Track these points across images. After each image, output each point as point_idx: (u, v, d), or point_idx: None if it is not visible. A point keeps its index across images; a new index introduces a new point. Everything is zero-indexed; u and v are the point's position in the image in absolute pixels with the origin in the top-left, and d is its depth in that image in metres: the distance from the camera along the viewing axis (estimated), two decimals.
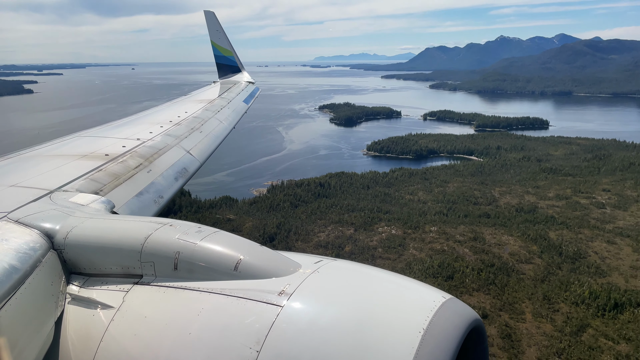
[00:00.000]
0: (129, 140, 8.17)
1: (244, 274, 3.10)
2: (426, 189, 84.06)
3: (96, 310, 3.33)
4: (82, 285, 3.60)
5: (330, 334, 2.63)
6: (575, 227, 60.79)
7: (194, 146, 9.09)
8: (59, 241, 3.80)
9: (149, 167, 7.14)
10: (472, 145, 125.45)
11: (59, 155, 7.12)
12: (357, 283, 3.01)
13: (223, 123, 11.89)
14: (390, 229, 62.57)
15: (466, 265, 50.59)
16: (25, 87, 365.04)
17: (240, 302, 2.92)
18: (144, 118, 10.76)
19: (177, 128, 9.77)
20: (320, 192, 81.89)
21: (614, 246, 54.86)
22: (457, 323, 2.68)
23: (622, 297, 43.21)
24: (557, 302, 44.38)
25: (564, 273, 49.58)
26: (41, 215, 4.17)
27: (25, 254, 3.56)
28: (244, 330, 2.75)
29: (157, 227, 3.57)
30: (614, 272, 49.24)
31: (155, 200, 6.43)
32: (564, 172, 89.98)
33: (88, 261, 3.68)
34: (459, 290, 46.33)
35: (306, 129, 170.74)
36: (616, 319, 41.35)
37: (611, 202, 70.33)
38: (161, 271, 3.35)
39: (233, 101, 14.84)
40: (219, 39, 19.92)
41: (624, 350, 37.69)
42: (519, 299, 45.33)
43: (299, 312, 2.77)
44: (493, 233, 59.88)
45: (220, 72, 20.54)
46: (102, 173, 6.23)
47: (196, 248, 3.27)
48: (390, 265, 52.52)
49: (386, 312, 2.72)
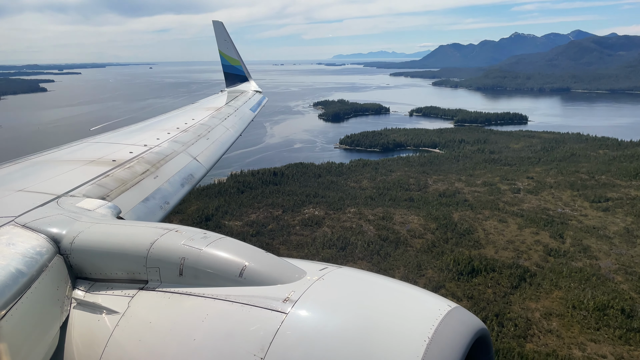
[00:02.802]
0: (136, 146, 8.30)
1: (249, 280, 3.12)
2: (371, 178, 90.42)
3: (101, 316, 3.37)
4: (87, 290, 3.64)
5: (335, 342, 2.62)
6: (480, 208, 66.84)
7: (201, 153, 9.24)
8: (66, 246, 3.83)
9: (156, 173, 7.30)
10: (437, 138, 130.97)
11: (66, 160, 7.27)
12: (362, 291, 3.00)
13: (230, 130, 11.99)
14: (314, 210, 69.57)
15: (362, 239, 57.35)
16: (40, 86, 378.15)
17: (244, 309, 2.93)
18: (152, 125, 10.94)
19: (184, 135, 9.93)
20: (271, 180, 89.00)
21: (503, 224, 60.87)
22: (463, 332, 2.67)
23: (480, 264, 49.49)
24: (426, 269, 50.89)
25: (448, 246, 55.93)
26: (48, 220, 4.24)
27: (32, 258, 3.59)
28: (248, 337, 2.76)
29: (163, 232, 3.61)
30: (490, 245, 55.37)
31: (161, 206, 6.53)
32: (503, 162, 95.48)
33: (94, 266, 3.73)
34: (347, 258, 53.18)
35: (291, 125, 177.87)
36: (469, 282, 47.72)
37: (528, 188, 75.86)
38: (166, 277, 3.39)
39: (240, 109, 14.97)
40: (227, 49, 20.05)
41: (464, 306, 44.03)
42: (395, 266, 51.99)
43: (303, 320, 2.77)
44: (403, 214, 66.30)
45: (227, 82, 20.62)
46: (109, 179, 6.36)
47: (201, 254, 3.31)
48: (303, 240, 59.55)
49: (391, 321, 2.71)
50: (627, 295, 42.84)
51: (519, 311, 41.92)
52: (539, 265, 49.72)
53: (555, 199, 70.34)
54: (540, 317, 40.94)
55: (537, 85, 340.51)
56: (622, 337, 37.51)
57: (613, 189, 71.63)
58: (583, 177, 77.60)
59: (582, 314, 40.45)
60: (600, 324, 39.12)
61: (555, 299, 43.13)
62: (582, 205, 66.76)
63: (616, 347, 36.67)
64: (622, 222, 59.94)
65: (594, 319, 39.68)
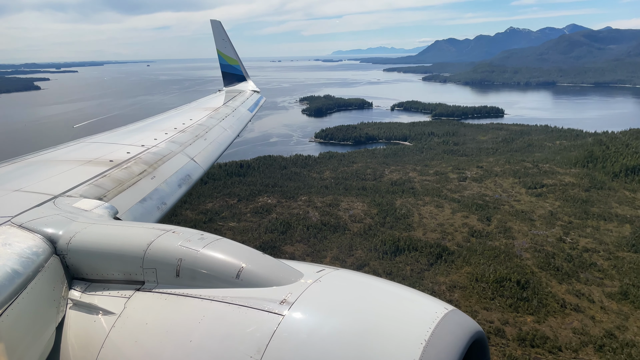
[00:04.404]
0: (133, 146, 8.26)
1: (246, 282, 3.14)
2: (333, 169, 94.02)
3: (97, 316, 3.37)
4: (83, 291, 3.64)
5: (331, 344, 2.64)
6: (422, 195, 70.56)
7: (198, 153, 9.18)
8: (62, 246, 3.85)
9: (153, 173, 7.26)
10: (408, 132, 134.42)
11: (64, 160, 7.23)
12: (359, 293, 3.04)
13: (227, 131, 11.93)
14: (268, 199, 73.32)
15: (303, 224, 61.09)
16: (35, 84, 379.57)
17: (241, 311, 2.95)
18: (149, 125, 10.88)
19: (182, 135, 9.89)
20: (236, 172, 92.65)
21: (439, 209, 64.58)
22: (459, 335, 2.70)
23: (405, 245, 53.22)
24: (356, 249, 54.62)
25: (383, 229, 59.64)
26: (44, 220, 4.26)
27: (28, 258, 3.59)
28: (245, 339, 2.78)
29: (160, 233, 3.63)
30: (420, 228, 59.08)
31: (158, 207, 6.52)
32: (461, 153, 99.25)
33: (90, 267, 3.74)
34: (285, 242, 56.90)
35: (273, 120, 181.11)
36: (392, 260, 51.46)
37: (475, 176, 79.51)
38: (163, 278, 3.40)
39: (237, 109, 15.02)
40: (225, 48, 20.05)
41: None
42: (329, 247, 55.63)
43: (300, 322, 2.79)
44: (351, 201, 70.01)
45: (225, 81, 20.68)
46: (106, 179, 6.36)
47: (198, 255, 3.33)
48: (249, 226, 63.27)
49: (388, 323, 2.73)
50: (528, 269, 46.56)
51: (429, 285, 45.61)
52: (460, 245, 53.44)
53: (496, 186, 74.04)
54: (445, 290, 44.67)
55: (523, 79, 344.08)
56: (512, 306, 41.24)
57: (552, 176, 75.34)
58: (527, 166, 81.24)
59: (482, 286, 44.20)
60: (496, 294, 42.86)
61: (463, 274, 46.87)
62: (519, 192, 70.44)
63: (505, 314, 40.40)
64: (550, 206, 63.66)
65: (491, 290, 43.43)
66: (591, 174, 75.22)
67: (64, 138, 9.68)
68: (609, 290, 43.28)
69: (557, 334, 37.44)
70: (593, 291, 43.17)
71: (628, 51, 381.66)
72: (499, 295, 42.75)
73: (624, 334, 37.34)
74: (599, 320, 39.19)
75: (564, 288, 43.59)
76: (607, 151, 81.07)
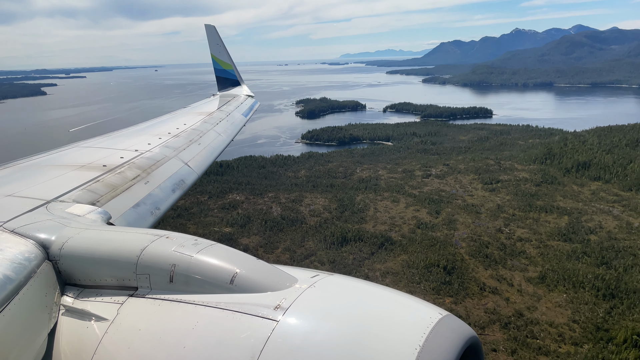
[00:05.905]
0: (127, 151, 8.26)
1: (240, 287, 3.13)
2: (309, 168, 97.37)
3: (90, 322, 3.34)
4: (76, 297, 3.61)
5: (326, 350, 2.63)
6: (382, 191, 73.64)
7: (192, 158, 9.18)
8: (54, 252, 3.83)
9: (147, 178, 7.29)
10: (391, 132, 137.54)
11: (57, 165, 7.23)
12: (353, 299, 3.04)
13: (221, 136, 11.91)
14: (237, 196, 76.89)
15: (263, 218, 64.52)
16: (42, 90, 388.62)
17: (235, 316, 2.94)
18: (143, 130, 10.80)
19: (176, 140, 9.88)
20: (215, 171, 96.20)
21: (394, 203, 67.64)
22: (454, 340, 2.70)
23: (352, 236, 56.40)
24: (308, 241, 57.89)
25: (338, 222, 62.83)
26: (37, 226, 4.22)
27: (20, 264, 3.57)
28: (239, 345, 2.76)
29: (154, 239, 3.62)
30: (372, 220, 62.21)
31: (152, 212, 6.51)
32: (434, 152, 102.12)
33: (83, 272, 3.71)
34: (242, 234, 60.37)
35: (265, 122, 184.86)
36: (338, 250, 54.63)
37: (439, 173, 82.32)
38: (157, 284, 3.38)
39: (232, 114, 15.00)
40: (219, 53, 20.08)
41: (330, 271, 51.15)
42: (282, 239, 58.89)
43: (294, 328, 2.78)
44: (313, 197, 73.28)
45: (219, 85, 20.71)
46: (99, 184, 6.33)
47: (192, 261, 3.32)
48: (213, 220, 66.83)
49: (382, 329, 2.73)
50: (459, 257, 49.52)
51: (365, 271, 48.76)
52: (404, 236, 56.49)
53: (456, 182, 76.85)
54: (379, 275, 47.79)
55: (521, 80, 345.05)
56: (435, 289, 44.25)
57: (509, 172, 77.96)
58: (490, 163, 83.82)
59: (412, 272, 47.26)
60: (422, 279, 45.92)
61: (398, 261, 49.94)
62: (475, 187, 73.22)
63: (427, 296, 43.24)
64: (500, 200, 66.42)
65: (419, 275, 46.47)
66: (546, 169, 77.73)
67: (59, 142, 9.95)
68: (529, 275, 46.15)
69: (469, 313, 40.38)
70: (515, 276, 46.06)
71: (628, 51, 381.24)
72: (424, 280, 45.79)
73: (532, 314, 40.25)
74: (512, 301, 42.13)
75: (488, 273, 46.54)
76: (564, 148, 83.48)
